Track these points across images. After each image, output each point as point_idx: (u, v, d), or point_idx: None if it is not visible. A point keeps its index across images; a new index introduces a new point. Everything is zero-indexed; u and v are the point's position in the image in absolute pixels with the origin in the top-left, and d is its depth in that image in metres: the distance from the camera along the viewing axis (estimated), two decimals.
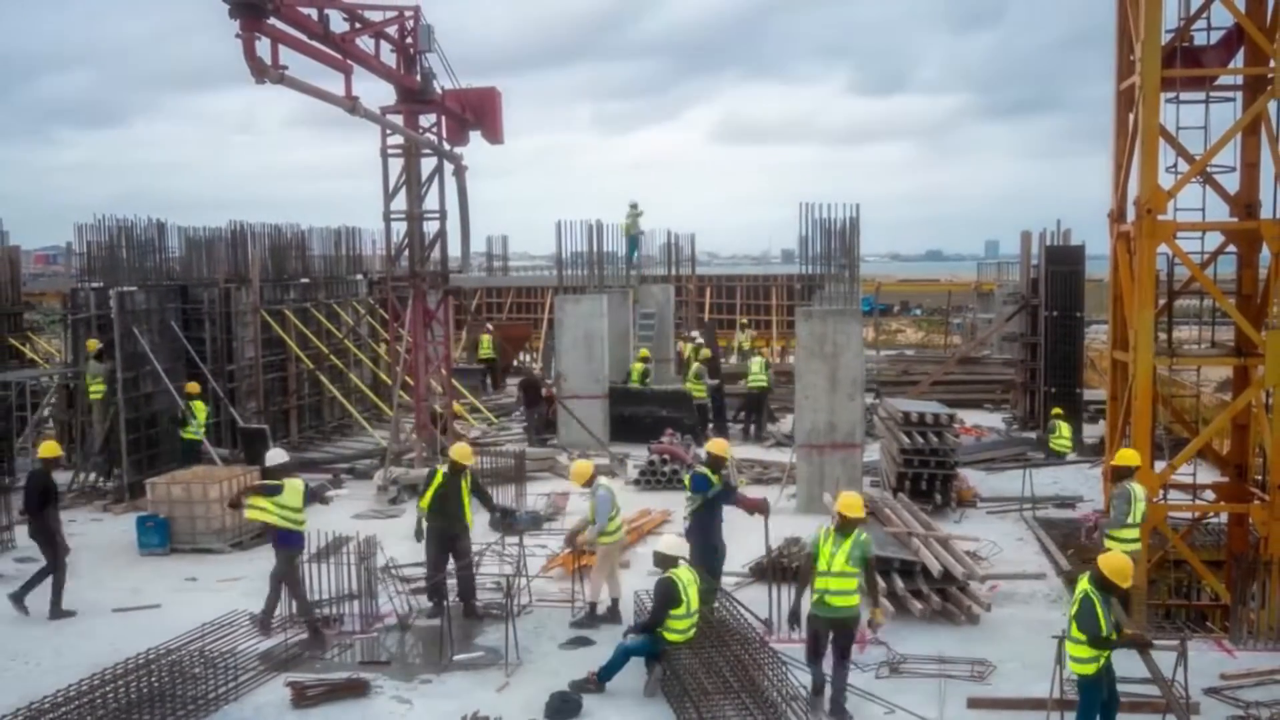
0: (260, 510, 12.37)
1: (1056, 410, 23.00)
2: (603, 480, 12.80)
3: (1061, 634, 9.17)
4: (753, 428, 24.60)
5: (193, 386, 19.75)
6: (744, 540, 14.95)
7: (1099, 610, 8.60)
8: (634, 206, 32.71)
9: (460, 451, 12.93)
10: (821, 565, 9.86)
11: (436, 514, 12.63)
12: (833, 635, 9.92)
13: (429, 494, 12.65)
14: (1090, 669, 8.80)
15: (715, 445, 12.87)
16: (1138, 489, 11.82)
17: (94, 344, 19.99)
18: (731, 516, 12.88)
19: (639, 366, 25.35)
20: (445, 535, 12.67)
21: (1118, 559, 8.77)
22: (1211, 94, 13.43)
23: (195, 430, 19.29)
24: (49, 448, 13.65)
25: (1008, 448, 22.96)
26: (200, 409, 19.57)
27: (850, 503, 10.01)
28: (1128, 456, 12.16)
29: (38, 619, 12.73)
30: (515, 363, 31.56)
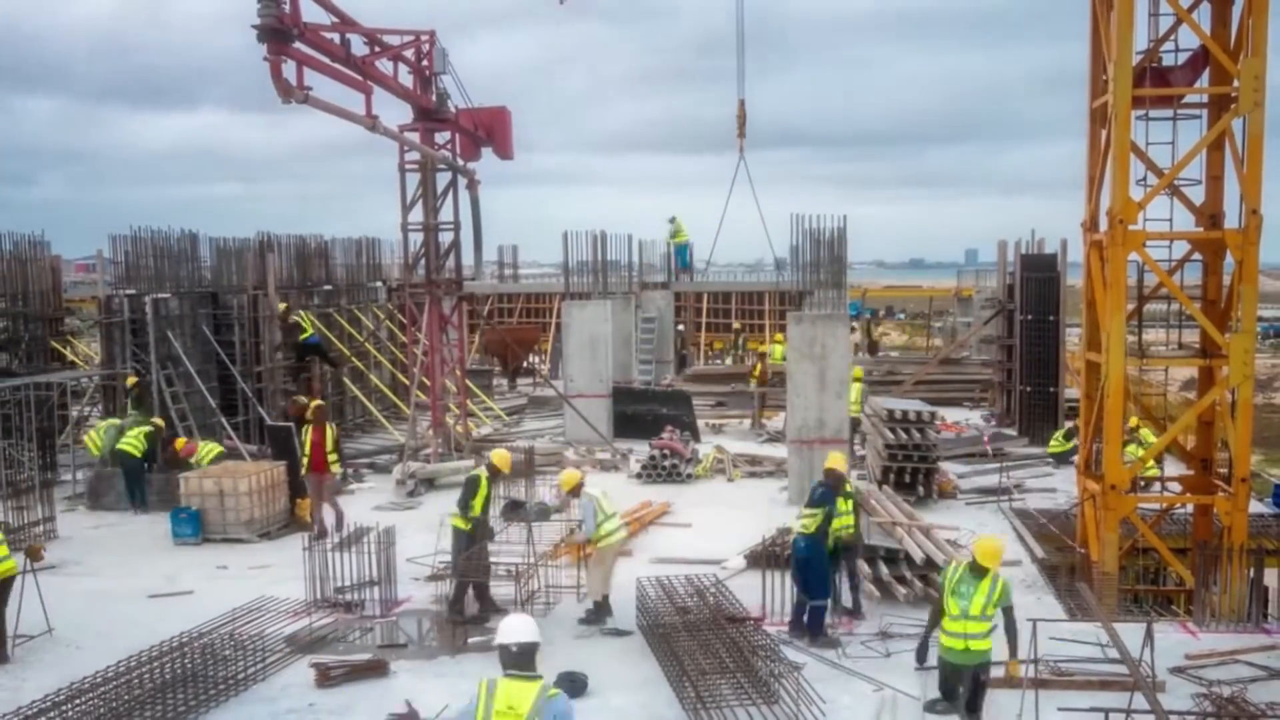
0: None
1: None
2: (589, 490, 12.06)
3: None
4: None
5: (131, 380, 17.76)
6: (741, 530, 15.00)
7: None
8: (673, 220, 32.89)
9: (501, 458, 12.76)
10: (954, 609, 8.93)
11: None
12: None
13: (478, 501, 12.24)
14: None
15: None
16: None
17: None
18: (730, 504, 12.82)
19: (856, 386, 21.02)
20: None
21: None
22: (1179, 111, 13.44)
23: (128, 440, 17.24)
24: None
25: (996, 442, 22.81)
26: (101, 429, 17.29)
27: (988, 550, 9.13)
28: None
29: (76, 604, 12.75)
30: (525, 364, 31.64)
